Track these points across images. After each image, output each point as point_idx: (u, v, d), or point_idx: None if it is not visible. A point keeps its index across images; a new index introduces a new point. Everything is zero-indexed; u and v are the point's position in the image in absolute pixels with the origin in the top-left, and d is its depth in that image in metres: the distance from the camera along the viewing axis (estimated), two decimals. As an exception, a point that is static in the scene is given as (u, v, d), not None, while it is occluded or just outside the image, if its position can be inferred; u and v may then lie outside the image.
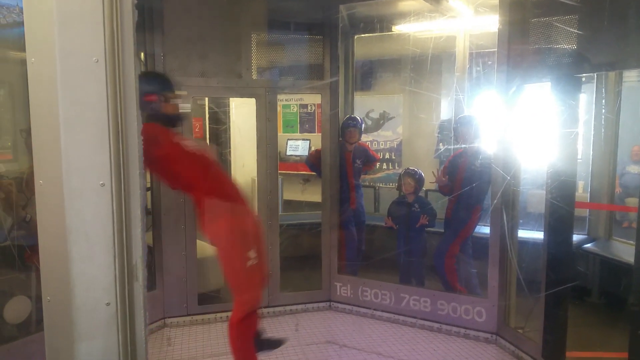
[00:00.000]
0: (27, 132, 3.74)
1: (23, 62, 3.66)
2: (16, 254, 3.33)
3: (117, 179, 1.11)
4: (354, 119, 5.26)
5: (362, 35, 5.67)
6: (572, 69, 3.28)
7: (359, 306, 4.65)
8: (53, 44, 1.06)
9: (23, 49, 3.56)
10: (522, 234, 4.14)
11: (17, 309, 3.39)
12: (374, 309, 4.56)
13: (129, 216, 1.15)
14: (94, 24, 1.06)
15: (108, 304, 1.14)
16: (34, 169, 1.15)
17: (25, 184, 3.21)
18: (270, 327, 4.35)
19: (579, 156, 5.11)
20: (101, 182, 1.11)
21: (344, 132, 5.02)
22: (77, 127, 1.08)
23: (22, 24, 3.59)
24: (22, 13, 3.53)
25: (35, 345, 3.32)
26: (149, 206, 4.38)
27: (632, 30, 2.93)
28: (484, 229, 4.49)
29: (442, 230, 4.77)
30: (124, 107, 1.11)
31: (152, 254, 4.33)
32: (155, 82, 2.79)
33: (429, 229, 4.68)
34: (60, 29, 1.06)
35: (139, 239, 1.17)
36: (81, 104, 1.08)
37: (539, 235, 3.60)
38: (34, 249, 3.31)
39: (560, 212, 3.27)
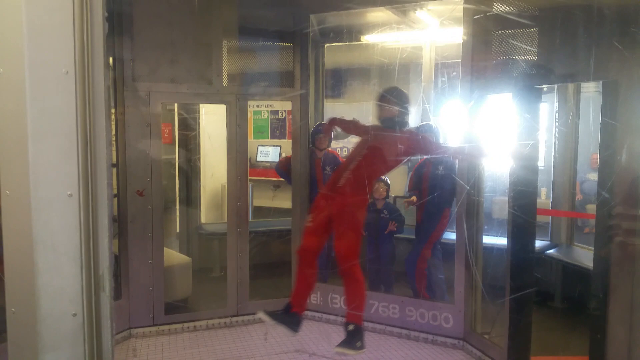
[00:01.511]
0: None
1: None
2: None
3: (85, 189, 1.11)
4: (324, 125, 5.30)
5: (332, 44, 5.73)
6: (533, 80, 3.41)
7: (328, 313, 4.67)
8: (22, 55, 1.06)
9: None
10: (488, 240, 4.24)
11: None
12: (343, 316, 4.58)
13: (96, 226, 1.15)
14: (64, 36, 1.07)
15: (74, 315, 1.13)
16: (0, 179, 1.14)
17: None
18: (239, 336, 4.33)
19: (541, 164, 5.29)
20: (69, 193, 1.10)
21: (314, 139, 5.05)
22: (45, 138, 1.08)
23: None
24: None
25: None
26: (115, 213, 4.31)
27: (590, 43, 3.07)
28: (452, 235, 4.59)
29: (411, 237, 4.86)
30: (92, 118, 1.11)
31: (118, 263, 4.26)
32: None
33: (397, 235, 4.75)
34: (30, 41, 1.06)
35: (106, 249, 1.17)
36: (50, 115, 1.08)
37: (503, 241, 3.70)
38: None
39: (522, 218, 3.37)
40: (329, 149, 5.23)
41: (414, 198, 4.69)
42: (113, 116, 4.13)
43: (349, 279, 3.38)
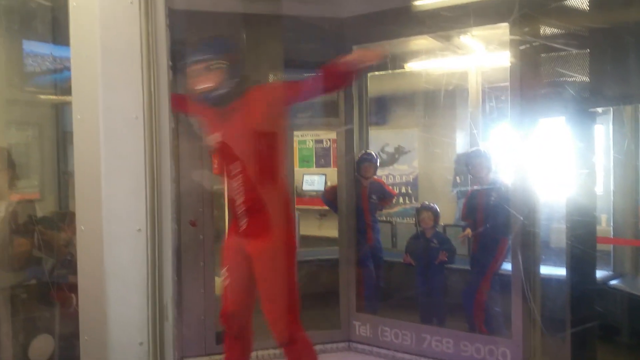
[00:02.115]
0: (68, 174, 3.91)
1: (52, 106, 3.85)
2: (54, 291, 3.42)
3: (152, 225, 1.19)
4: (370, 154, 5.32)
5: (375, 73, 5.81)
6: (586, 103, 3.33)
7: (379, 347, 4.57)
8: (97, 102, 1.16)
9: (53, 94, 3.75)
10: (546, 270, 4.07)
11: (41, 347, 3.45)
12: (395, 350, 4.48)
13: (161, 259, 1.22)
14: (134, 85, 1.17)
15: (141, 344, 1.20)
16: (76, 216, 1.24)
17: (68, 224, 3.33)
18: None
19: (600, 190, 5.06)
20: (138, 228, 1.19)
21: (359, 167, 5.07)
22: (117, 177, 1.18)
23: (53, 71, 3.81)
24: (55, 61, 3.73)
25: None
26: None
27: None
28: (507, 266, 4.44)
29: (462, 267, 4.73)
30: (159, 159, 1.20)
31: (173, 292, 4.38)
32: None
33: (448, 265, 4.64)
34: (104, 90, 1.17)
35: (169, 281, 1.24)
36: (121, 156, 1.18)
37: (562, 271, 3.54)
38: (60, 287, 3.40)
39: (582, 248, 3.24)
40: (375, 177, 5.25)
41: (468, 231, 4.58)
42: (167, 150, 4.30)
43: (296, 348, 2.83)
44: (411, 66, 5.71)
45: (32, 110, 4.01)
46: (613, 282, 4.73)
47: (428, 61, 5.51)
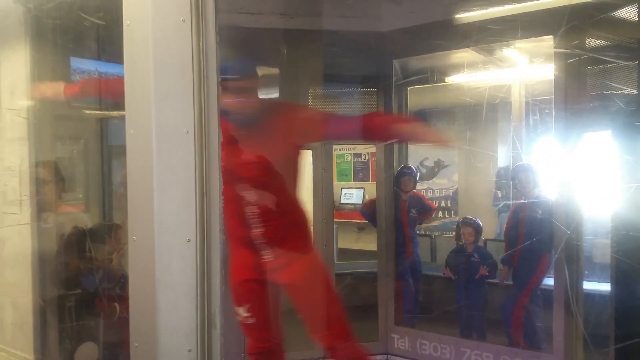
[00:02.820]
0: (118, 185, 4.05)
1: (97, 120, 4.00)
2: (99, 301, 3.53)
3: (201, 235, 1.24)
4: (409, 168, 5.30)
5: (416, 86, 5.78)
6: (634, 116, 3.23)
7: (417, 359, 4.53)
8: (150, 118, 1.22)
9: (97, 109, 3.90)
10: (589, 285, 3.97)
11: (86, 354, 3.56)
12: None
13: (209, 268, 1.26)
14: (186, 100, 1.22)
15: (189, 351, 1.24)
16: (128, 227, 1.29)
17: (114, 235, 3.45)
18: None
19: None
20: (188, 238, 1.23)
21: (398, 181, 5.06)
22: (168, 190, 1.23)
23: (97, 86, 3.94)
24: (100, 77, 3.89)
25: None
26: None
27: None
28: (549, 281, 4.34)
29: (498, 281, 4.66)
30: (208, 172, 1.25)
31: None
32: None
33: (489, 280, 4.57)
34: (157, 105, 1.22)
35: (217, 289, 1.28)
36: (172, 170, 1.23)
37: (606, 287, 3.46)
38: (102, 296, 3.51)
39: (629, 262, 3.15)
40: (414, 191, 5.21)
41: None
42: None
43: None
44: (452, 79, 5.66)
45: (77, 125, 4.18)
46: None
47: (470, 74, 5.45)
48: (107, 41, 3.54)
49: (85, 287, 3.60)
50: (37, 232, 3.09)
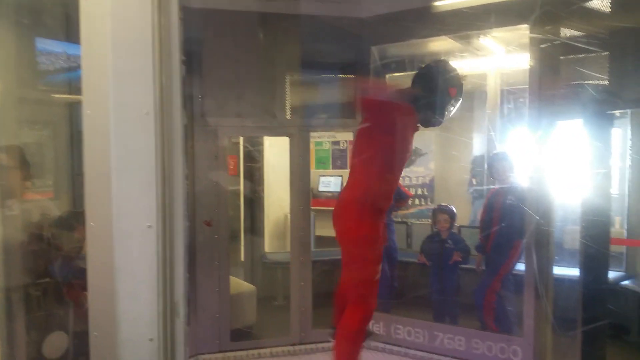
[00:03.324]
0: (81, 176, 3.93)
1: (66, 105, 3.87)
2: (60, 290, 3.45)
3: (163, 221, 1.19)
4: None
5: (394, 74, 5.77)
6: (604, 106, 3.28)
7: (391, 344, 4.58)
8: (107, 97, 1.16)
9: (67, 93, 3.77)
10: (559, 270, 4.05)
11: (55, 344, 3.49)
12: (407, 347, 4.49)
13: (172, 256, 1.22)
14: (146, 80, 1.17)
15: (151, 340, 1.20)
16: (86, 212, 1.24)
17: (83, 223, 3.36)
18: (302, 365, 4.33)
19: (615, 192, 5.01)
20: (148, 224, 1.19)
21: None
22: (127, 174, 1.18)
23: (67, 69, 3.82)
24: (68, 59, 3.75)
25: (75, 380, 3.41)
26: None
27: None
28: (521, 266, 4.43)
29: (474, 267, 4.73)
30: (170, 155, 1.20)
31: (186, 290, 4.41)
32: None
33: (462, 265, 4.63)
34: (115, 85, 1.17)
35: (180, 277, 1.24)
36: (131, 152, 1.18)
37: (575, 272, 3.54)
38: (72, 285, 3.43)
39: (595, 248, 3.22)
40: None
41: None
42: (183, 149, 4.33)
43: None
44: (429, 67, 5.64)
45: (45, 109, 4.04)
46: (625, 283, 4.69)
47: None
48: (72, 21, 3.41)
49: (53, 276, 3.51)
50: (1, 219, 2.99)
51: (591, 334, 3.26)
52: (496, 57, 5.40)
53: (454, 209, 4.73)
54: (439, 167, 6.85)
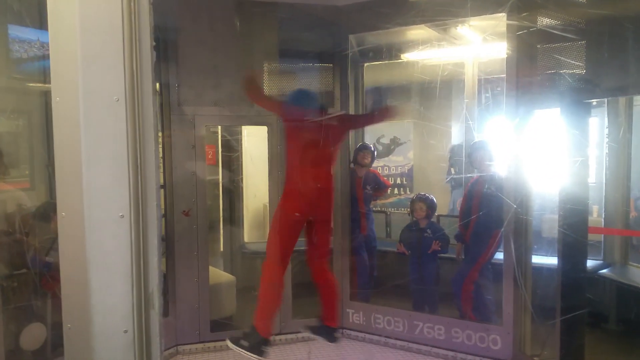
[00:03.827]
0: (52, 166, 3.85)
1: (41, 94, 3.78)
2: (37, 281, 3.39)
3: (136, 211, 1.16)
4: (367, 146, 5.31)
5: (372, 63, 5.76)
6: (581, 94, 3.32)
7: (371, 333, 4.61)
8: (76, 84, 1.12)
9: (41, 81, 3.68)
10: (537, 259, 4.10)
11: (33, 335, 3.43)
12: (387, 337, 4.53)
13: (146, 246, 1.19)
14: (115, 66, 1.13)
15: (126, 332, 1.17)
16: (57, 202, 1.21)
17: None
18: (282, 354, 4.33)
19: (592, 180, 5.09)
20: (120, 214, 1.16)
21: (356, 155, 5.06)
22: (98, 162, 1.14)
23: (41, 57, 3.72)
24: (42, 47, 3.65)
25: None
26: (162, 233, 4.43)
27: (640, 56, 2.97)
28: (500, 255, 4.47)
29: (454, 256, 4.76)
30: (142, 143, 1.16)
31: (165, 281, 4.37)
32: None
33: (441, 254, 4.66)
34: (84, 70, 1.13)
35: (155, 268, 1.21)
36: (102, 140, 1.14)
37: (553, 260, 3.58)
38: (52, 276, 3.37)
39: (573, 237, 3.25)
40: (370, 168, 5.23)
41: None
42: (160, 139, 4.27)
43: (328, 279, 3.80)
44: (408, 56, 5.66)
45: (20, 98, 3.94)
46: (603, 271, 4.78)
47: (425, 52, 5.46)
48: (45, 8, 3.30)
49: (30, 267, 3.45)
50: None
51: (570, 323, 3.31)
52: (473, 46, 5.43)
53: (434, 199, 4.76)
54: (417, 156, 6.89)
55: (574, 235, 3.24)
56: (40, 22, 3.71)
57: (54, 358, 3.44)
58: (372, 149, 5.27)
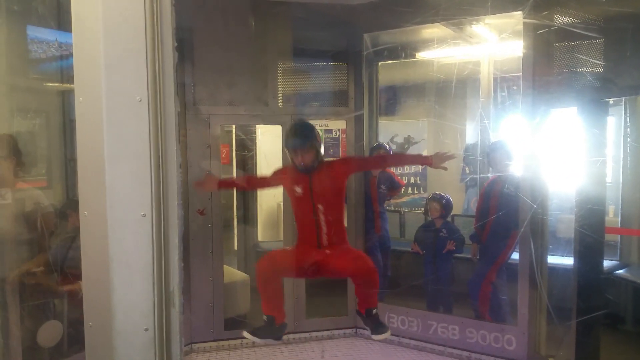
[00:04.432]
0: (75, 161, 3.89)
1: (59, 93, 3.83)
2: (62, 279, 3.44)
3: (157, 210, 1.17)
4: (382, 146, 5.29)
5: (386, 62, 5.74)
6: (599, 93, 3.27)
7: (385, 333, 4.60)
8: (100, 84, 1.14)
9: (59, 81, 3.73)
10: (553, 259, 4.06)
11: (50, 333, 3.48)
12: (401, 336, 4.52)
13: (167, 245, 1.20)
14: (138, 66, 1.14)
15: (146, 330, 1.19)
16: (79, 201, 1.22)
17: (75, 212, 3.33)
18: (295, 353, 4.34)
19: (609, 180, 5.02)
20: (142, 213, 1.17)
21: (371, 154, 5.05)
22: (121, 162, 1.15)
23: (59, 57, 3.77)
24: (60, 47, 3.70)
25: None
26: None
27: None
28: (515, 255, 4.42)
29: (469, 256, 4.73)
30: (164, 143, 1.17)
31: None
32: None
33: (456, 255, 4.63)
34: (107, 71, 1.14)
35: (176, 267, 1.22)
36: (125, 140, 1.16)
37: (569, 261, 3.54)
38: (70, 274, 3.42)
39: (590, 238, 3.22)
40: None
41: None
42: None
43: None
44: (422, 55, 5.62)
45: (38, 98, 3.99)
46: (619, 272, 4.72)
47: (440, 50, 5.42)
48: (63, 9, 3.35)
49: (48, 265, 3.49)
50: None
51: (586, 324, 3.27)
52: (489, 44, 5.38)
53: (450, 198, 4.72)
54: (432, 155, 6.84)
55: (592, 235, 3.20)
56: (59, 22, 3.76)
57: (70, 355, 3.49)
58: (387, 148, 5.25)
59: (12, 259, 3.28)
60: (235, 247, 6.20)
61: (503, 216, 4.29)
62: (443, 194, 4.73)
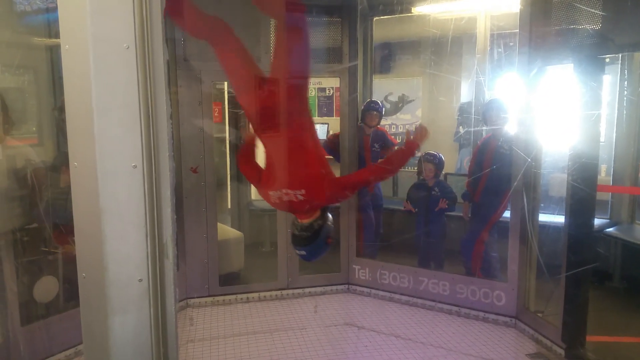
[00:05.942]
0: (59, 110, 3.84)
1: (47, 48, 3.72)
2: (55, 234, 3.45)
3: (148, 161, 1.16)
4: (376, 102, 5.25)
5: (381, 17, 5.62)
6: (595, 50, 3.23)
7: (377, 289, 4.70)
8: (86, 31, 1.10)
9: (46, 36, 3.61)
10: (544, 217, 4.11)
11: (45, 288, 3.52)
12: (393, 292, 4.61)
13: (159, 196, 1.20)
14: (125, 12, 1.10)
15: (140, 280, 1.19)
16: (69, 153, 1.20)
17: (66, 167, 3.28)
18: (290, 308, 4.43)
19: (602, 139, 5.04)
20: (133, 164, 1.15)
21: (364, 116, 5.02)
22: (109, 112, 1.13)
23: (45, 10, 3.64)
24: (46, 0, 3.56)
25: (66, 322, 3.46)
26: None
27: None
28: (506, 213, 4.47)
29: (461, 214, 4.78)
30: (153, 92, 1.15)
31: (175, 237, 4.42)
32: None
33: (448, 213, 4.68)
34: (93, 17, 1.10)
35: (169, 218, 1.22)
36: (113, 89, 1.13)
37: (560, 219, 3.58)
38: (60, 230, 3.42)
39: (582, 194, 3.24)
40: (378, 126, 5.19)
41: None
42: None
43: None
44: (419, 10, 5.50)
45: (25, 53, 3.89)
46: (609, 230, 4.80)
47: (436, 5, 5.30)
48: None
49: (41, 221, 3.49)
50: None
51: (575, 279, 3.34)
52: (486, 0, 5.27)
53: (442, 157, 4.73)
54: (426, 114, 6.82)
55: (584, 189, 3.22)
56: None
57: (66, 310, 3.54)
58: (381, 107, 5.21)
59: (4, 216, 3.27)
60: (229, 206, 6.22)
61: (496, 174, 4.31)
62: (435, 153, 4.73)
